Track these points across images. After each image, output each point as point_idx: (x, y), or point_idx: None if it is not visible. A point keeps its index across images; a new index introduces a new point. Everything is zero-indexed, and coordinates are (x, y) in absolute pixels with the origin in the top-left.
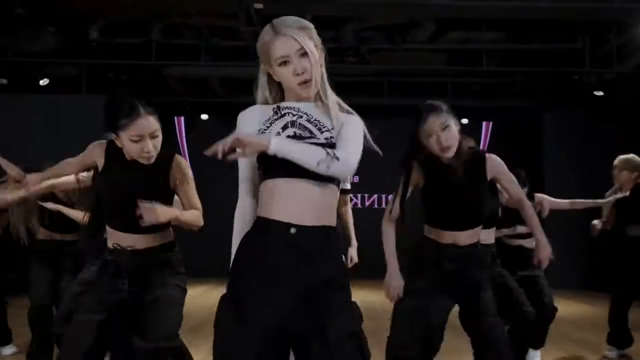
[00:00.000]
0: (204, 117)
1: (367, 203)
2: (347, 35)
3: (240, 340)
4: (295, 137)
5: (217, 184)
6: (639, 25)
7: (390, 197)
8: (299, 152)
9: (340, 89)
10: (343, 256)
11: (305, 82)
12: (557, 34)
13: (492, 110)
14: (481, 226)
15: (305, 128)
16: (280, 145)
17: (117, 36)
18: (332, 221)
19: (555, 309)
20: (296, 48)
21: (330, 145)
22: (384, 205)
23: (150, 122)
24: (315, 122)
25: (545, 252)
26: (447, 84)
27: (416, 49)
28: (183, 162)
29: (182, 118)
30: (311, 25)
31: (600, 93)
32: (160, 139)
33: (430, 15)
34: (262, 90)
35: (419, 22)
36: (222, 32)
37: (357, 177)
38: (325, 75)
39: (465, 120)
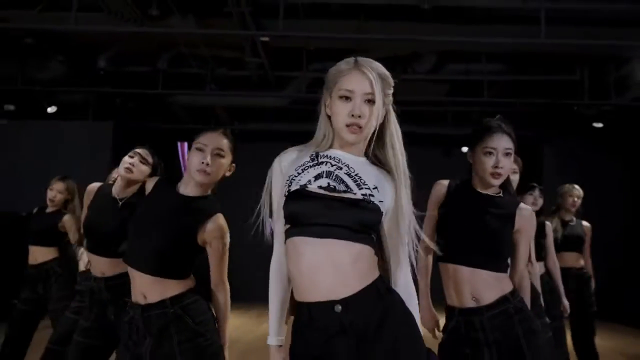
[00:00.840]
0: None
1: None
2: None
3: None
4: (328, 188)
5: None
6: (635, 60)
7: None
8: None
9: None
10: None
11: (355, 127)
12: (556, 67)
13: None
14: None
15: (342, 181)
16: None
17: (125, 65)
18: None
19: None
20: (366, 90)
21: (367, 202)
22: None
23: (220, 140)
24: (356, 177)
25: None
26: (448, 113)
27: (418, 79)
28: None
29: (185, 144)
30: (392, 82)
31: (600, 125)
32: (223, 163)
33: (431, 48)
34: (321, 133)
35: (421, 54)
36: (228, 62)
37: None
38: (390, 131)
39: (465, 149)
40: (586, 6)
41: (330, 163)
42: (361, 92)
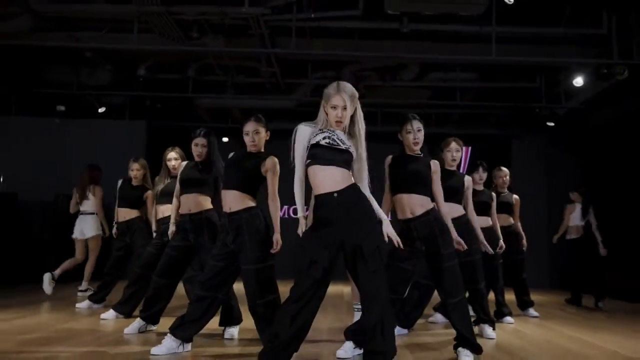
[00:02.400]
0: (225, 139)
1: None
2: (347, 75)
3: (317, 246)
4: (329, 143)
5: None
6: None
7: None
8: None
9: None
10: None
11: (339, 122)
12: (519, 75)
13: (470, 137)
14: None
15: (334, 140)
16: None
17: (160, 73)
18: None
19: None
20: (343, 104)
21: (347, 151)
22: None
23: (254, 124)
24: (340, 140)
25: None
26: (432, 115)
27: (403, 86)
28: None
29: None
30: (357, 94)
31: (552, 124)
32: (261, 136)
33: (414, 60)
34: (321, 118)
35: (406, 65)
36: (246, 70)
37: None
38: (357, 118)
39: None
40: (529, 30)
41: (329, 133)
42: (341, 105)
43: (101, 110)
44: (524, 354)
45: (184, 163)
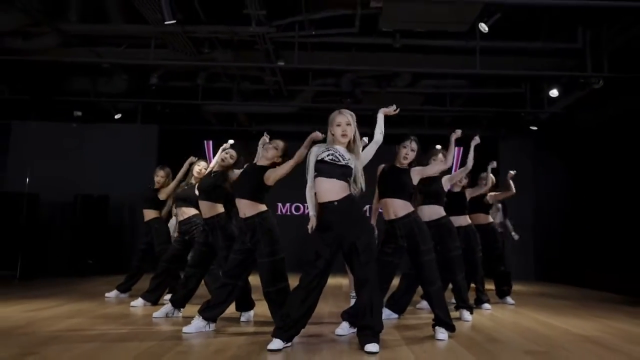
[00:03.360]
0: (231, 141)
1: None
2: (345, 82)
3: (321, 244)
4: (332, 159)
5: None
6: (553, 85)
7: None
8: None
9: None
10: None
11: (344, 136)
12: (505, 82)
13: (461, 138)
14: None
15: (336, 157)
16: None
17: (171, 80)
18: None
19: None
20: (346, 121)
21: (346, 166)
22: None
23: (270, 149)
24: (342, 156)
25: None
26: (425, 118)
27: (398, 92)
28: None
29: (211, 142)
30: (354, 116)
31: (535, 128)
32: (273, 154)
33: (406, 71)
34: (329, 139)
35: (400, 73)
36: (251, 78)
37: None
38: (356, 136)
39: (439, 146)
40: (511, 44)
41: (333, 151)
42: (344, 122)
43: (117, 116)
44: (495, 333)
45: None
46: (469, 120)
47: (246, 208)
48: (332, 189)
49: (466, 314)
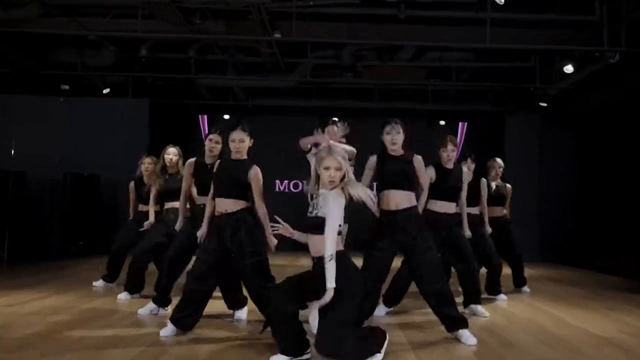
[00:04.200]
0: (226, 116)
1: None
2: (346, 54)
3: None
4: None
5: None
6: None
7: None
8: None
9: (339, 96)
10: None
11: (333, 182)
12: (514, 55)
13: (466, 114)
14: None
15: (312, 210)
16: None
17: (162, 52)
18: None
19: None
20: (335, 166)
21: (315, 217)
22: (374, 190)
23: (240, 133)
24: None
25: None
26: (429, 92)
27: (401, 65)
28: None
29: (206, 117)
30: (346, 156)
31: (544, 104)
32: (245, 145)
33: (411, 45)
34: (313, 183)
35: (403, 46)
36: (246, 50)
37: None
38: (348, 175)
39: (443, 122)
40: (523, 16)
41: (315, 200)
42: (333, 166)
43: (105, 91)
44: (508, 336)
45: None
46: (475, 95)
47: (229, 206)
48: (313, 245)
49: (480, 309)
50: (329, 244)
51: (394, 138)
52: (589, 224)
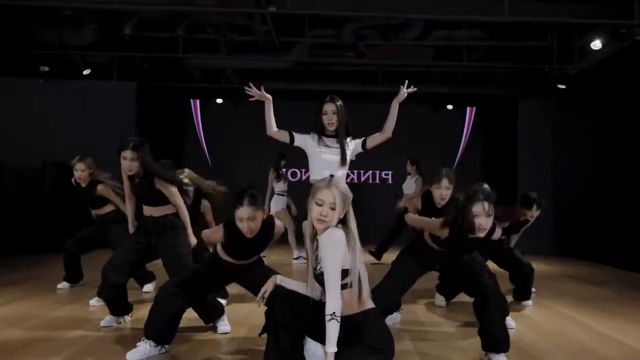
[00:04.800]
0: (219, 101)
1: (362, 179)
2: (347, 32)
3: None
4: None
5: (230, 159)
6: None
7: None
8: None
9: (340, 78)
10: None
11: (323, 222)
12: (529, 34)
13: (475, 98)
14: None
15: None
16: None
17: (147, 31)
18: None
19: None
20: (331, 201)
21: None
22: (377, 181)
23: (249, 211)
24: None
25: None
26: (435, 74)
27: (407, 44)
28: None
29: (198, 101)
30: (350, 196)
31: (563, 86)
32: (257, 222)
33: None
34: (309, 227)
35: (409, 22)
36: (239, 29)
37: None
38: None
39: (450, 106)
40: None
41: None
42: (328, 202)
43: (86, 72)
44: (538, 354)
45: None
46: (484, 77)
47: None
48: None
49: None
50: (329, 301)
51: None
52: (607, 216)
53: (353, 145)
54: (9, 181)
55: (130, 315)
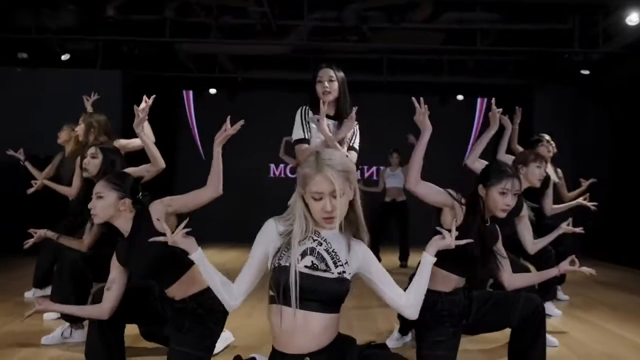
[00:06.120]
0: (212, 91)
1: (366, 174)
2: (349, 14)
3: None
4: (312, 267)
5: (224, 153)
6: (624, 8)
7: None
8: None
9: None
10: None
11: (330, 219)
12: (548, 15)
13: (487, 87)
14: None
15: (323, 259)
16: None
17: (133, 13)
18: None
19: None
20: (331, 189)
21: (341, 280)
22: None
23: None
24: (333, 253)
25: None
26: (444, 62)
27: (414, 28)
28: None
29: (191, 92)
30: (352, 168)
31: (587, 72)
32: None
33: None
34: (300, 221)
35: (417, 3)
36: (232, 11)
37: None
38: (357, 210)
39: (460, 97)
40: None
41: (313, 238)
42: (328, 191)
43: (65, 57)
44: None
45: None
46: (497, 65)
47: None
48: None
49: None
50: None
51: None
52: (630, 215)
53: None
54: None
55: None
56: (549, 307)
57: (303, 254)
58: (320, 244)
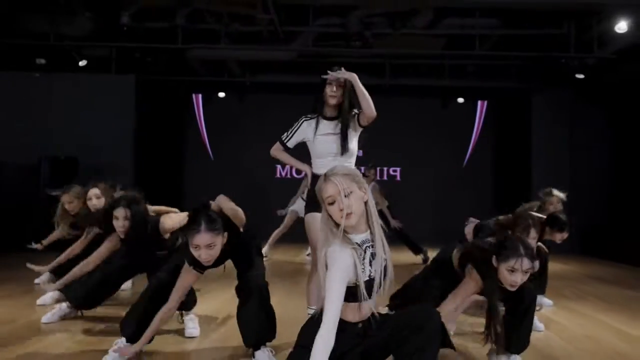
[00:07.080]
0: (221, 94)
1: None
2: (353, 21)
3: None
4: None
5: (230, 155)
6: (615, 16)
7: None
8: None
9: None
10: None
11: (349, 215)
12: (545, 21)
13: (487, 91)
14: None
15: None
16: None
17: (146, 21)
18: None
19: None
20: (337, 191)
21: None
22: (385, 177)
23: (207, 238)
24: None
25: None
26: (445, 66)
27: (416, 34)
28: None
29: (200, 95)
30: (356, 172)
31: (582, 76)
32: (217, 249)
33: (428, 4)
34: (325, 230)
35: (419, 10)
36: (241, 18)
37: (361, 150)
38: (370, 209)
39: (461, 100)
40: None
41: (369, 246)
42: (337, 193)
43: (82, 63)
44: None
45: None
46: (496, 69)
47: None
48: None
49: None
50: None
51: (520, 279)
52: (628, 214)
53: (353, 127)
54: (3, 178)
55: None
56: (541, 298)
57: (370, 260)
58: (372, 246)
